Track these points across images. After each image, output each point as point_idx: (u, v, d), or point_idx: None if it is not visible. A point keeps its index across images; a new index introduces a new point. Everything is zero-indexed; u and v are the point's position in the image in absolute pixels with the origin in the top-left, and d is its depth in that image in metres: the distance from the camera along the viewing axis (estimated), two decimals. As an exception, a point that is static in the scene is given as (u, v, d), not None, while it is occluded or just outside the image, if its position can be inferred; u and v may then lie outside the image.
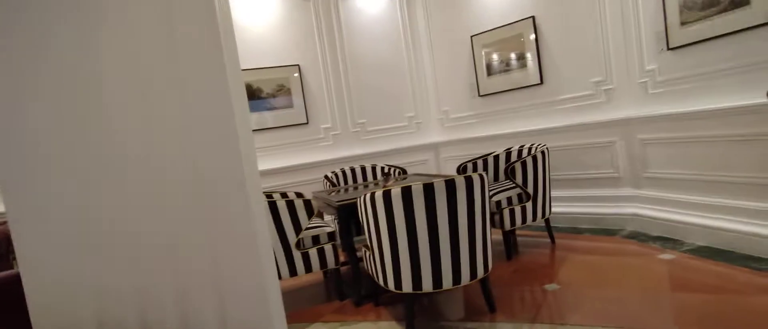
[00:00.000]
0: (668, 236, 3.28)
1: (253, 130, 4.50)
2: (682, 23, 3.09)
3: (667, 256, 2.96)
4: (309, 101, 4.79)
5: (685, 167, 3.20)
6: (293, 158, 4.66)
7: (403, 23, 5.10)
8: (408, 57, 5.13)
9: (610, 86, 3.74)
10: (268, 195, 2.82)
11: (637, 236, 3.45)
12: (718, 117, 2.90)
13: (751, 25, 2.69)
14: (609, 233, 3.64)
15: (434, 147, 5.14)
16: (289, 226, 2.84)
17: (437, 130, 5.17)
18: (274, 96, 4.62)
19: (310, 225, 3.14)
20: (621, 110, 3.67)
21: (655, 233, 3.39)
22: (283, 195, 2.90)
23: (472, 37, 4.60)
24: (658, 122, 3.34)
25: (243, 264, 1.35)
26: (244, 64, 4.38)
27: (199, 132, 1.30)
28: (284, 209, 2.82)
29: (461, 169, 3.75)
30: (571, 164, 3.97)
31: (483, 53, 4.55)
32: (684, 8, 3.07)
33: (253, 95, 4.55)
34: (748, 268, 2.58)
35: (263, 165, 4.37)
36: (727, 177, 2.91)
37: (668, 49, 3.23)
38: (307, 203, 2.89)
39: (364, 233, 2.57)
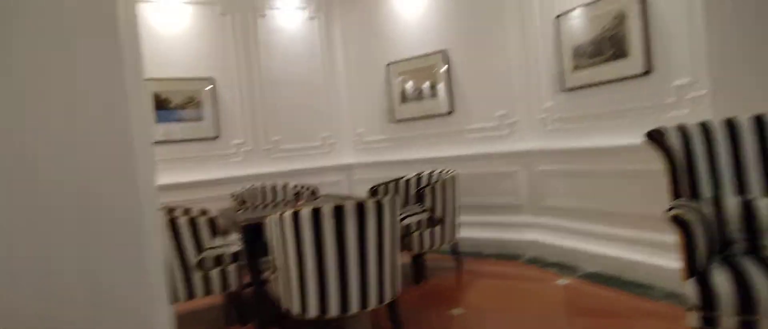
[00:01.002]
0: (565, 263, 3.52)
1: (159, 142, 4.17)
2: (575, 68, 3.44)
3: (563, 281, 3.17)
4: (221, 115, 4.55)
5: (578, 197, 3.50)
6: (201, 172, 4.39)
7: (321, 45, 5.07)
8: (325, 78, 5.08)
9: (514, 120, 4.01)
10: (169, 211, 2.57)
11: (536, 262, 3.66)
12: (603, 154, 3.22)
13: (629, 75, 3.07)
14: (511, 258, 3.83)
15: (347, 168, 5.09)
16: (190, 245, 2.63)
17: (351, 152, 5.14)
18: (183, 108, 4.35)
19: (214, 245, 2.88)
20: (523, 142, 3.95)
21: (553, 259, 3.63)
22: (186, 211, 2.64)
23: (388, 64, 4.69)
24: (554, 155, 3.64)
25: (127, 285, 1.24)
26: (154, 73, 4.10)
27: (90, 140, 1.19)
28: (185, 227, 2.59)
29: (373, 191, 3.72)
30: (478, 191, 4.16)
31: (398, 81, 4.65)
32: (576, 55, 3.42)
33: (162, 105, 4.24)
34: (632, 293, 2.82)
35: (169, 179, 4.07)
36: (613, 208, 3.22)
37: (563, 90, 3.56)
38: (212, 221, 2.66)
39: (270, 255, 2.39)
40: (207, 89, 4.45)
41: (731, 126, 2.06)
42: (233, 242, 2.99)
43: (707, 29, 2.46)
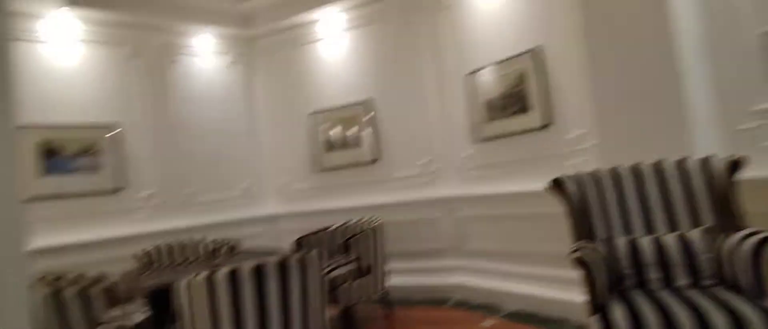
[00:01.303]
0: (489, 304, 3.64)
1: (48, 197, 3.70)
2: (488, 120, 3.73)
3: (488, 323, 3.27)
4: (127, 164, 4.18)
5: (498, 240, 3.69)
6: (102, 230, 3.94)
7: (243, 91, 4.99)
8: (247, 125, 4.97)
9: (436, 167, 4.21)
10: (54, 280, 2.25)
11: (463, 305, 3.75)
12: (516, 199, 3.47)
13: (532, 128, 3.40)
14: (440, 302, 3.88)
15: (271, 219, 4.91)
16: (81, 320, 2.30)
17: (275, 202, 4.99)
18: (81, 157, 3.93)
19: (112, 317, 2.57)
20: (444, 189, 4.13)
21: (478, 301, 3.74)
22: (75, 280, 2.34)
23: (313, 112, 4.73)
24: (474, 200, 3.84)
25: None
26: (48, 119, 3.75)
27: None
28: (74, 300, 2.28)
29: (298, 243, 3.62)
30: (404, 238, 4.22)
31: (323, 129, 4.69)
32: (488, 108, 3.72)
33: (53, 154, 3.79)
34: (547, 329, 2.99)
35: (61, 239, 3.63)
36: (529, 249, 3.44)
37: (479, 140, 3.83)
38: (108, 290, 2.38)
39: (180, 324, 2.18)
40: (109, 136, 4.10)
41: (615, 174, 2.35)
42: (136, 312, 2.70)
43: (592, 89, 2.83)
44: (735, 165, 2.04)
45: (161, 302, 2.43)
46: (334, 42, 4.70)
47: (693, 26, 2.51)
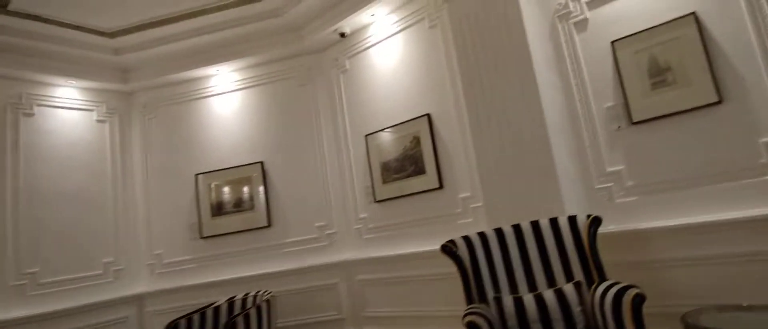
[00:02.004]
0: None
1: None
2: (384, 182, 3.76)
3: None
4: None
5: (396, 304, 3.58)
6: None
7: (112, 152, 4.40)
8: (114, 190, 4.33)
9: (332, 231, 4.06)
10: None
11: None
12: (412, 260, 3.45)
13: (428, 189, 3.50)
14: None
15: (139, 300, 4.19)
16: None
17: (144, 278, 4.31)
18: None
19: None
20: (342, 252, 3.98)
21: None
22: None
23: (197, 175, 4.33)
24: (371, 263, 3.74)
25: None
26: None
27: None
28: None
29: (172, 327, 3.13)
30: (298, 310, 3.90)
31: (209, 193, 4.31)
32: (384, 170, 3.77)
33: None
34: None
35: None
36: (426, 311, 3.38)
37: (375, 201, 3.82)
38: None
39: None
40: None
41: (500, 234, 2.47)
42: None
43: (475, 154, 3.03)
44: (594, 222, 2.27)
45: None
46: (224, 100, 4.47)
47: (556, 99, 2.87)
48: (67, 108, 4.21)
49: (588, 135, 2.83)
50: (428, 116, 3.52)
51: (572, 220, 2.36)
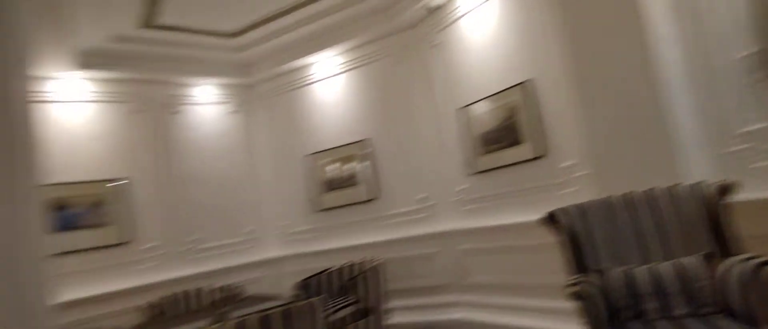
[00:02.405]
0: (491, 338, 3.61)
1: (61, 253, 3.77)
2: (482, 153, 3.81)
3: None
4: (132, 217, 4.28)
5: (498, 273, 3.70)
6: (113, 282, 4.00)
7: (242, 139, 5.12)
8: (247, 171, 5.08)
9: (432, 203, 4.25)
10: None
11: (465, 341, 3.71)
12: (512, 230, 3.50)
13: (525, 159, 3.47)
14: (440, 340, 3.84)
15: (273, 263, 4.93)
16: None
17: (276, 245, 5.03)
18: (89, 212, 4.04)
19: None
20: (441, 223, 4.16)
21: (480, 336, 3.71)
22: None
23: (311, 154, 4.83)
24: (472, 234, 3.87)
25: None
26: (59, 176, 3.87)
27: None
28: None
29: (301, 286, 3.63)
30: (404, 275, 4.22)
31: (322, 171, 4.77)
32: (481, 142, 3.80)
33: (64, 211, 3.92)
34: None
35: (70, 294, 3.66)
36: (528, 281, 3.44)
37: (473, 173, 3.89)
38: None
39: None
40: (116, 190, 4.21)
41: (608, 204, 2.39)
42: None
43: (583, 119, 2.90)
44: (725, 189, 2.06)
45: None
46: (329, 84, 4.84)
47: (674, 55, 2.61)
48: (205, 104, 4.97)
49: (715, 92, 2.52)
50: (526, 83, 3.43)
51: (695, 187, 2.18)
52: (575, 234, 2.33)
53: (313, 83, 4.95)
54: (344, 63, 4.76)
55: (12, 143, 1.14)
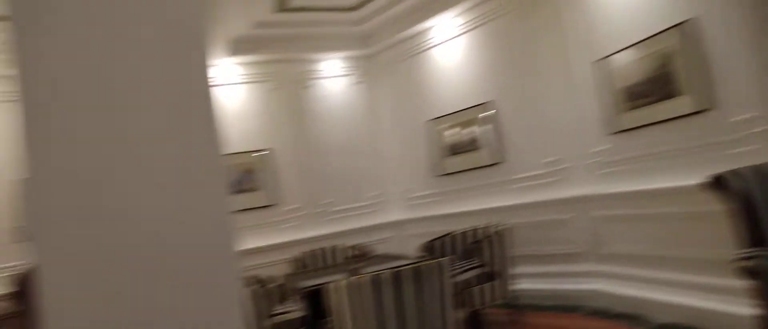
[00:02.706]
0: (633, 313, 3.30)
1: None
2: (624, 110, 3.40)
3: (635, 334, 2.99)
4: (276, 183, 4.85)
5: (641, 243, 3.33)
6: (260, 239, 4.60)
7: (366, 107, 5.35)
8: (371, 139, 5.31)
9: (564, 166, 3.97)
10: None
11: (600, 313, 3.47)
12: (662, 196, 3.10)
13: (682, 114, 3.00)
14: (572, 309, 3.65)
15: (397, 225, 5.15)
16: (259, 314, 2.75)
17: (400, 208, 5.22)
18: (243, 179, 4.67)
19: (277, 311, 3.01)
20: (575, 188, 3.86)
21: (618, 310, 3.42)
22: (257, 280, 2.77)
23: (433, 119, 4.85)
24: (610, 199, 3.53)
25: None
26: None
27: (194, 209, 1.26)
28: (259, 296, 2.73)
29: (426, 248, 3.75)
30: (532, 241, 4.06)
31: (443, 135, 4.77)
32: (624, 97, 3.39)
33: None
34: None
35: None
36: (681, 253, 3.04)
37: (613, 132, 3.52)
38: (281, 287, 2.79)
39: (331, 320, 2.47)
40: (262, 160, 4.80)
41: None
42: (295, 308, 3.10)
43: (765, 65, 2.40)
44: None
45: (315, 300, 2.76)
46: (449, 47, 4.75)
47: None
48: (332, 77, 5.30)
49: None
50: (686, 24, 2.92)
51: None
52: (750, 201, 1.98)
53: (432, 47, 4.90)
54: (464, 24, 4.60)
55: (208, 117, 1.35)
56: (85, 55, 1.19)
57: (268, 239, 4.64)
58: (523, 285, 3.92)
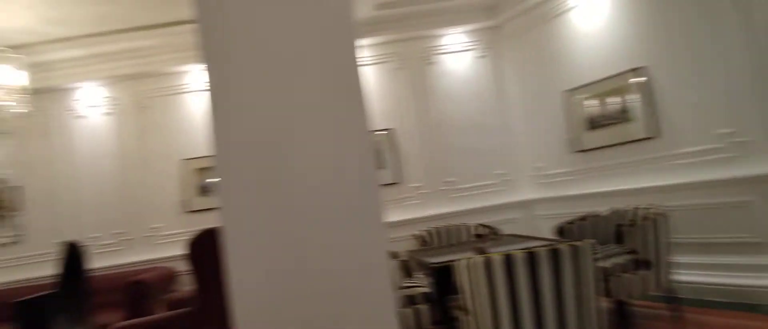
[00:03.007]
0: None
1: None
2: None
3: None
4: (399, 161, 4.94)
5: None
6: (389, 215, 4.77)
7: (491, 81, 5.12)
8: (497, 114, 5.09)
9: (742, 139, 3.26)
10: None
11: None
12: None
13: None
14: (749, 308, 3.06)
15: (526, 205, 4.90)
16: (395, 276, 2.87)
17: (529, 187, 4.94)
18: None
19: (404, 285, 3.11)
20: (757, 166, 3.17)
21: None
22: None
23: (569, 90, 4.41)
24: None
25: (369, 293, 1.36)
26: None
27: (346, 177, 1.37)
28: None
29: (560, 230, 3.47)
30: (695, 227, 3.47)
31: (582, 107, 4.31)
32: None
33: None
34: None
35: None
36: None
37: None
38: (405, 263, 2.89)
39: (460, 297, 2.45)
40: (387, 138, 4.91)
41: None
42: (421, 283, 3.16)
43: None
44: None
45: (442, 277, 2.77)
46: (589, 9, 4.22)
47: None
48: (456, 52, 5.15)
49: None
50: None
51: None
52: None
53: (567, 11, 4.42)
54: (607, -20, 4.04)
55: (358, 93, 1.45)
56: (257, 47, 1.34)
57: (392, 216, 4.71)
58: (683, 276, 3.39)
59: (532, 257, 2.08)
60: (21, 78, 3.79)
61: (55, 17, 3.99)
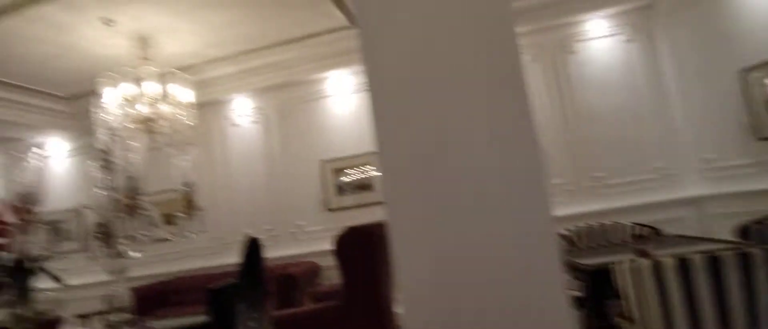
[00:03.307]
0: None
1: None
2: None
3: None
4: (539, 158, 4.79)
5: None
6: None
7: (643, 67, 4.63)
8: (651, 102, 4.59)
9: None
10: None
11: None
12: None
13: None
14: None
15: (695, 202, 4.32)
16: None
17: (696, 182, 4.35)
18: None
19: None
20: None
21: None
22: None
23: (745, 69, 3.77)
24: None
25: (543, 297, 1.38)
26: None
27: (511, 172, 1.41)
28: None
29: (745, 231, 2.99)
30: None
31: (764, 87, 3.64)
32: None
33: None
34: None
35: None
36: None
37: None
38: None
39: (622, 303, 2.31)
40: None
41: None
42: (572, 286, 3.02)
43: None
44: None
45: (599, 280, 2.64)
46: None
47: None
48: (599, 38, 4.78)
49: None
50: None
51: None
52: None
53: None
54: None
55: (520, 88, 1.48)
56: (414, 49, 1.43)
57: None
58: None
59: (714, 261, 1.88)
60: (189, 95, 4.50)
61: (213, 40, 4.76)
